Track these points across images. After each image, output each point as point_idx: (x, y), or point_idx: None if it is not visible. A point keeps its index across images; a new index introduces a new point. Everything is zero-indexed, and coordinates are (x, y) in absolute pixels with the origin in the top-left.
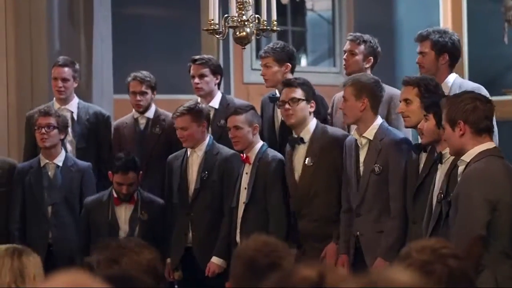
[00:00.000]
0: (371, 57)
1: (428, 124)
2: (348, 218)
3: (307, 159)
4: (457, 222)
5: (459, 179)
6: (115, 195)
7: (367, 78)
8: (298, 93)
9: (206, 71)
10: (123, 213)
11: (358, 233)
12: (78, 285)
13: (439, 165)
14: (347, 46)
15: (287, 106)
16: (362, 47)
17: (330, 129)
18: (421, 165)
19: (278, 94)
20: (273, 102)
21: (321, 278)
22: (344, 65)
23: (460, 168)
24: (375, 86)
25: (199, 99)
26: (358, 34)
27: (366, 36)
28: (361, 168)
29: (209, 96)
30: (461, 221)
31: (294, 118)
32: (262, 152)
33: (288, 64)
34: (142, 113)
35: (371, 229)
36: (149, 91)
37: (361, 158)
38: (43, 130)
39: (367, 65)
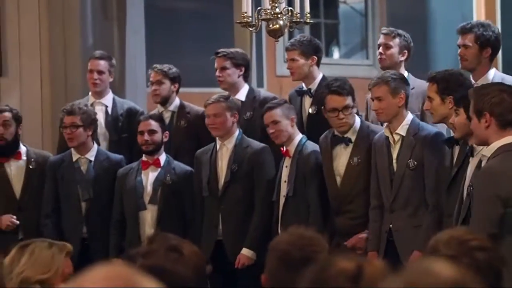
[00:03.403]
0: (406, 51)
1: (459, 119)
2: (378, 214)
3: (354, 158)
4: (471, 219)
5: None
6: (144, 159)
7: (397, 75)
8: (349, 100)
9: (227, 63)
10: (149, 176)
11: (391, 227)
12: (120, 278)
13: (471, 158)
14: (381, 39)
15: (341, 115)
16: (397, 40)
17: (374, 127)
18: (455, 159)
19: (305, 87)
20: (300, 96)
21: (360, 270)
22: (379, 59)
23: (483, 163)
24: (406, 82)
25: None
26: (392, 28)
27: (400, 31)
28: (395, 165)
29: (233, 88)
30: (473, 219)
31: (347, 126)
32: (302, 145)
33: (314, 56)
34: (163, 104)
35: (407, 224)
36: (166, 81)
37: (394, 155)
38: (68, 130)
39: (402, 58)
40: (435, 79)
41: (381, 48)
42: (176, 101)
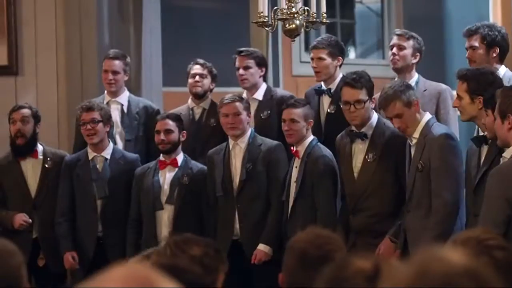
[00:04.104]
0: (418, 54)
1: (489, 119)
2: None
3: (370, 154)
4: (479, 218)
5: None
6: (161, 158)
7: (400, 84)
8: (363, 94)
9: (251, 62)
10: (166, 176)
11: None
12: (138, 278)
13: (501, 158)
14: (394, 41)
15: (352, 108)
16: (411, 41)
17: (390, 123)
18: (482, 158)
19: (324, 87)
20: (319, 95)
21: (377, 270)
22: (392, 60)
23: None
24: (411, 87)
25: (244, 93)
26: (405, 30)
27: (413, 33)
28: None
29: (253, 88)
30: (480, 218)
31: (360, 119)
32: (312, 147)
33: (340, 57)
34: (199, 98)
35: (420, 225)
36: (208, 77)
37: (412, 156)
38: (89, 126)
39: (414, 61)
40: (466, 78)
41: (394, 49)
42: (209, 99)
